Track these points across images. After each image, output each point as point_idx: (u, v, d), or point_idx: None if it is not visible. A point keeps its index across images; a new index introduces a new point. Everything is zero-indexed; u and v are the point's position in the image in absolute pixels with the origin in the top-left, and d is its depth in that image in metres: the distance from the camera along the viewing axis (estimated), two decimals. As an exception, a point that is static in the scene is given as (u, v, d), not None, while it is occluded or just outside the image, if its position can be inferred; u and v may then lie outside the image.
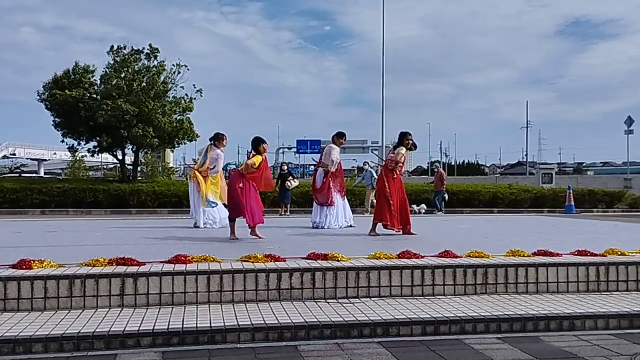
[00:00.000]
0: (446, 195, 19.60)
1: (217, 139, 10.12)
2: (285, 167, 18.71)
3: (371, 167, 19.06)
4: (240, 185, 7.83)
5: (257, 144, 8.10)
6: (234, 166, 12.25)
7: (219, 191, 10.02)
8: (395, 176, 8.41)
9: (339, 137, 10.05)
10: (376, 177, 16.44)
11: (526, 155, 78.44)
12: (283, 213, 17.14)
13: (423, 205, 19.58)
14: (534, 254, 5.94)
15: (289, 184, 16.83)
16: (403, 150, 8.47)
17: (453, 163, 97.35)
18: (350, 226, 9.95)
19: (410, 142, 8.53)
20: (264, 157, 8.06)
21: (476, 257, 5.72)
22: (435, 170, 21.72)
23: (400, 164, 8.47)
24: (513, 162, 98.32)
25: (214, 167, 9.94)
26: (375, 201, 9.35)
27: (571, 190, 21.49)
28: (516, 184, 27.39)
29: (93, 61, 24.33)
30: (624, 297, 5.28)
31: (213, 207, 9.87)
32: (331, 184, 9.88)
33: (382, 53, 29.65)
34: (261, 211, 8.04)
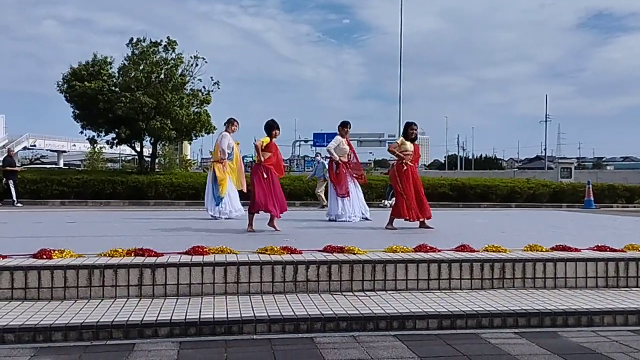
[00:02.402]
0: None
1: (228, 123, 10.25)
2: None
3: (323, 159, 18.93)
4: (265, 175, 7.82)
5: (270, 129, 8.06)
6: (251, 159, 12.42)
7: (235, 176, 10.05)
8: (406, 168, 8.35)
9: (342, 126, 10.09)
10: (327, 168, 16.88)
11: (545, 149, 77.82)
12: None
13: (394, 199, 19.25)
14: (552, 249, 5.89)
15: None
16: (399, 140, 8.58)
17: (470, 157, 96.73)
18: (366, 219, 9.93)
19: (415, 132, 8.50)
20: (271, 141, 8.03)
21: (493, 251, 5.68)
22: (392, 163, 21.57)
23: (407, 154, 8.37)
24: (531, 157, 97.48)
25: (228, 154, 9.99)
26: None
27: (590, 185, 21.25)
28: (534, 178, 27.15)
29: (113, 54, 24.42)
30: (644, 293, 5.21)
31: (217, 203, 9.98)
32: (345, 173, 9.86)
33: (399, 46, 29.53)
34: (284, 202, 8.05)
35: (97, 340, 3.90)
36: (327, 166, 17.42)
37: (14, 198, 18.24)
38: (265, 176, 7.81)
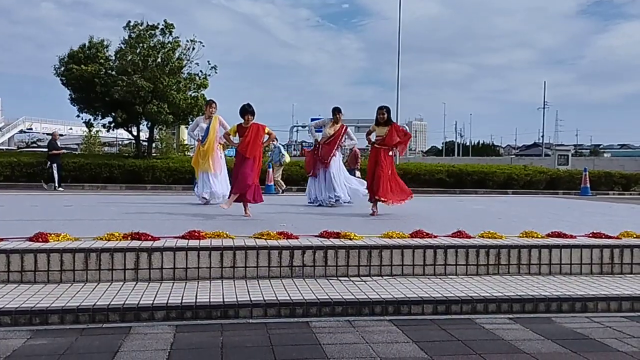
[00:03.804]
0: (358, 174, 19.20)
1: (205, 105, 10.32)
2: None
3: (280, 144, 18.86)
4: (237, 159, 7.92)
5: (242, 114, 7.95)
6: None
7: (207, 161, 9.89)
8: (369, 150, 8.75)
9: (334, 112, 10.15)
10: (284, 153, 17.59)
11: (542, 136, 77.88)
12: None
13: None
14: (548, 235, 5.91)
15: None
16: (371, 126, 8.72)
17: (468, 143, 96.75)
18: (349, 202, 10.00)
19: (383, 116, 8.48)
20: (245, 125, 7.94)
21: (489, 237, 5.71)
22: (350, 149, 21.68)
23: (378, 138, 8.44)
24: (529, 144, 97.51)
25: (202, 136, 9.90)
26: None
27: (587, 172, 21.28)
28: (531, 165, 27.18)
29: (112, 37, 24.40)
30: (638, 279, 5.24)
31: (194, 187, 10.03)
32: (312, 155, 10.24)
33: (398, 31, 29.38)
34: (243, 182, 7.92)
35: (93, 323, 3.92)
36: (282, 151, 17.55)
37: (56, 183, 18.06)
38: (237, 160, 7.91)
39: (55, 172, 18.09)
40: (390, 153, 8.53)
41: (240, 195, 7.79)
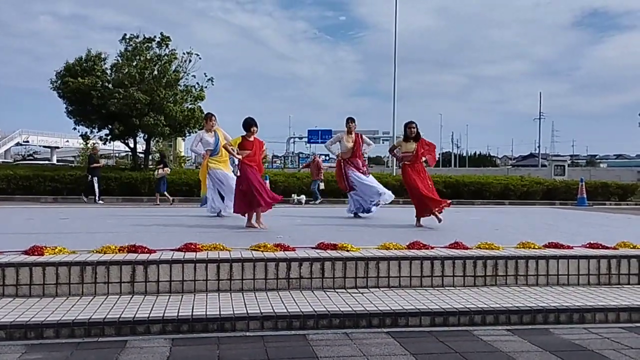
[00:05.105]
0: (322, 184, 19.20)
1: (204, 119, 10.22)
2: (158, 155, 19.08)
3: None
4: (238, 174, 7.91)
5: (247, 127, 8.01)
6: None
7: (223, 165, 9.83)
8: (402, 169, 8.59)
9: (347, 122, 10.11)
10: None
11: (539, 147, 78.08)
12: (159, 202, 17.32)
13: (303, 196, 19.11)
14: (545, 246, 5.91)
15: (160, 171, 17.62)
16: (396, 141, 8.83)
17: (464, 154, 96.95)
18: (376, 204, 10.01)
19: (412, 129, 8.51)
20: (250, 138, 7.98)
21: (486, 248, 5.70)
22: (312, 158, 21.72)
23: (407, 155, 8.44)
24: (525, 154, 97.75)
25: (212, 150, 9.81)
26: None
27: (584, 183, 21.31)
28: (528, 175, 27.22)
29: (110, 50, 24.49)
30: (636, 290, 5.24)
31: (203, 203, 9.94)
32: (340, 170, 10.10)
33: (394, 43, 29.49)
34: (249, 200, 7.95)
35: (89, 337, 3.89)
36: (236, 161, 17.31)
37: (96, 196, 18.10)
38: (238, 174, 7.87)
39: (95, 185, 18.17)
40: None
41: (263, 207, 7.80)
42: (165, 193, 17.70)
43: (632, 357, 3.65)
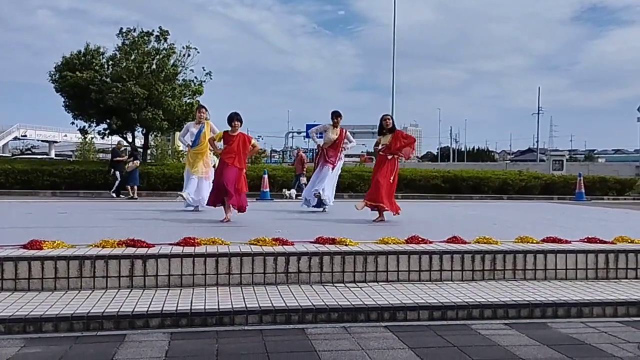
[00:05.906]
0: (304, 179, 19.15)
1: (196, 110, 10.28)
2: (130, 148, 19.15)
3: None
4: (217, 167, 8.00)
5: (229, 121, 8.02)
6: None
7: (198, 165, 9.88)
8: (375, 159, 8.77)
9: (333, 116, 10.18)
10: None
11: (537, 141, 78.14)
12: (133, 195, 17.43)
13: (293, 191, 19.09)
14: (543, 240, 5.92)
15: (130, 164, 17.71)
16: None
17: (463, 149, 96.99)
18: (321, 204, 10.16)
19: (387, 122, 8.54)
20: (232, 133, 8.01)
21: (484, 243, 5.71)
22: (296, 153, 21.79)
23: (382, 147, 8.46)
24: (524, 149, 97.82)
25: (192, 141, 9.86)
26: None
27: (582, 178, 21.35)
28: (526, 170, 27.26)
29: (108, 44, 24.35)
30: (633, 284, 5.25)
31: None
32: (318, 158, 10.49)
33: (393, 37, 29.46)
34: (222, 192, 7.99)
35: (87, 331, 3.89)
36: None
37: (115, 188, 18.14)
38: (220, 167, 7.97)
39: (118, 180, 18.19)
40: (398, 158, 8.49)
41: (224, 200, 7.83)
42: (128, 187, 17.66)
43: (629, 351, 3.66)
